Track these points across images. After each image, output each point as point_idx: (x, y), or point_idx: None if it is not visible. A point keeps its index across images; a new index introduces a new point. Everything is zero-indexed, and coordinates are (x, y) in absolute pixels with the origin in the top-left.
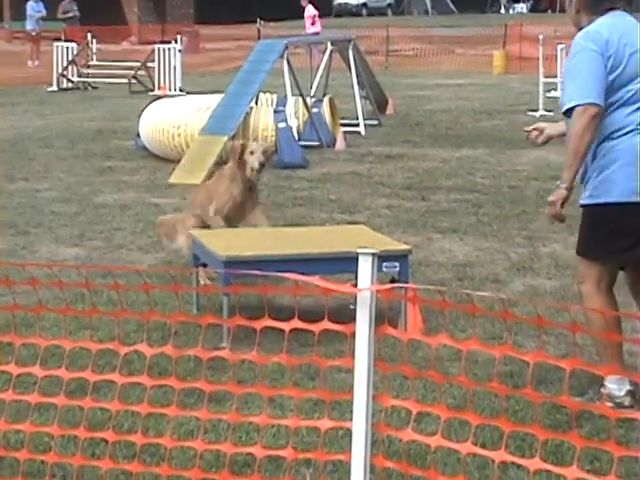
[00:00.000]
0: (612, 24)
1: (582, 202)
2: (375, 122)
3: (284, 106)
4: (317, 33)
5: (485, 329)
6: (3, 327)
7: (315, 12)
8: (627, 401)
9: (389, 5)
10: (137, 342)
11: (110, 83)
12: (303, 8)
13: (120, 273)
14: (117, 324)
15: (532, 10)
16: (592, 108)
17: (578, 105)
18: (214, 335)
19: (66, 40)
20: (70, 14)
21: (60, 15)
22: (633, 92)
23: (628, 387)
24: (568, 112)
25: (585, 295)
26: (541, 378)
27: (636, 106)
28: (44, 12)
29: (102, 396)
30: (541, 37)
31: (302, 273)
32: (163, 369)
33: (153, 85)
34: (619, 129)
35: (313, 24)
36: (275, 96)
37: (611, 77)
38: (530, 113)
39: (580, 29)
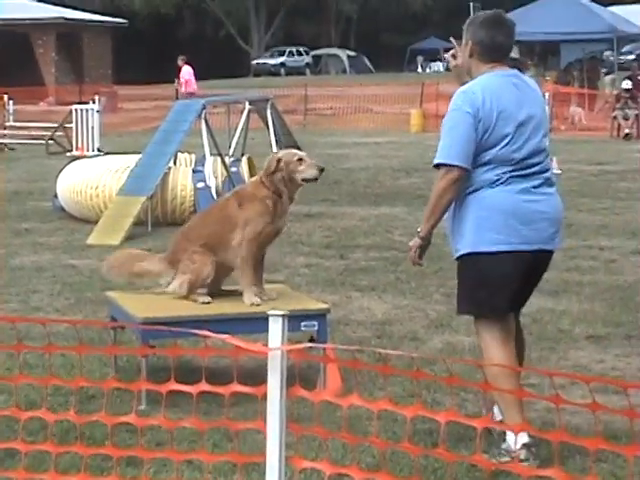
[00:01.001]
0: (489, 84)
1: (462, 251)
2: None
3: (203, 166)
4: (193, 94)
5: (404, 386)
6: None
7: (190, 72)
8: (522, 454)
9: (307, 64)
10: (55, 405)
11: (27, 144)
12: (180, 68)
13: (36, 335)
14: (33, 388)
15: (448, 69)
16: (455, 171)
17: (443, 164)
18: (132, 397)
19: None
20: None
21: None
22: (498, 154)
23: (525, 440)
24: (436, 166)
25: (483, 349)
26: (460, 436)
27: (500, 166)
28: None
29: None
30: None
31: (218, 333)
32: (80, 433)
33: (71, 146)
34: (488, 185)
35: (187, 84)
36: (193, 156)
37: (481, 139)
38: None
39: (463, 82)
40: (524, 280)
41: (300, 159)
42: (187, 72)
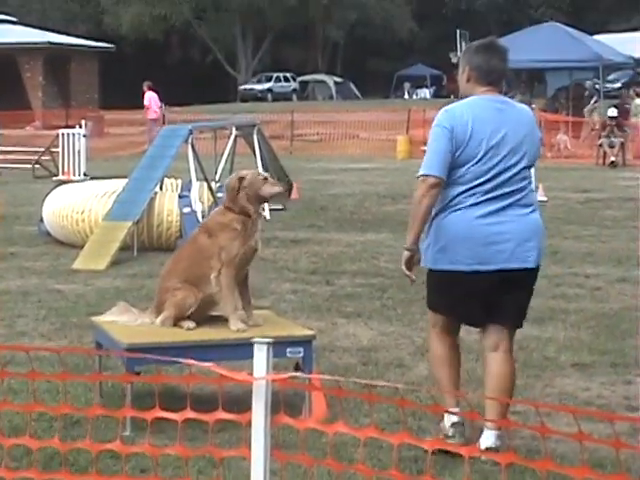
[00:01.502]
0: (472, 105)
1: (423, 264)
2: (280, 207)
3: (189, 191)
4: (155, 120)
5: (389, 413)
6: None
7: (152, 98)
8: (450, 432)
9: (294, 90)
10: (39, 431)
11: (13, 168)
12: (143, 93)
13: (22, 361)
14: (16, 414)
15: (435, 96)
16: (431, 178)
17: (421, 175)
18: (117, 423)
19: None
20: None
21: None
22: (467, 173)
23: (454, 419)
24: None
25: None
26: (445, 463)
27: (467, 186)
28: None
29: None
30: None
31: (203, 360)
32: (64, 459)
33: (57, 170)
34: (451, 205)
35: (147, 110)
36: (180, 181)
37: (453, 155)
38: None
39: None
40: (488, 296)
41: (265, 178)
42: (147, 98)
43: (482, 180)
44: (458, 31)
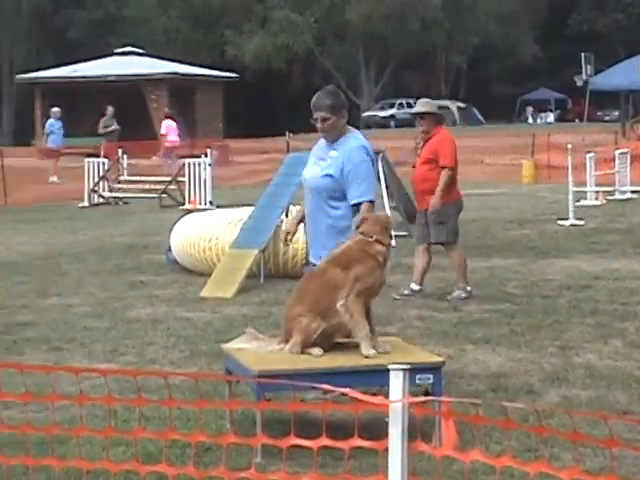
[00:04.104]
0: None
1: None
2: (405, 233)
3: None
4: (172, 148)
5: (520, 441)
6: (37, 445)
7: (169, 126)
8: None
9: None
10: (172, 457)
11: (141, 197)
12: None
13: (153, 388)
14: (149, 441)
15: (559, 120)
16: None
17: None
18: (249, 449)
19: (105, 156)
20: (111, 128)
21: (101, 130)
22: None
23: None
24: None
25: None
26: None
27: None
28: (56, 131)
29: None
30: (569, 146)
31: (335, 386)
32: None
33: (184, 199)
34: None
35: (164, 138)
36: None
37: None
38: (560, 222)
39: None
40: None
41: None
42: (165, 126)
43: None
44: (583, 54)
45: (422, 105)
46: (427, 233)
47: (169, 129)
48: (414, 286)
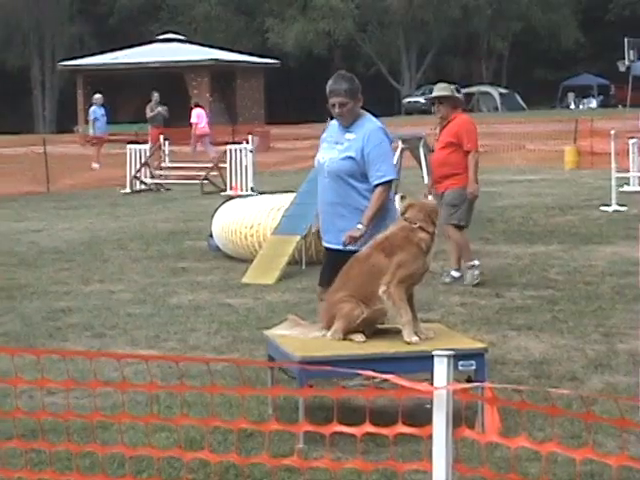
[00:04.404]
0: None
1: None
2: None
3: None
4: (202, 136)
5: (564, 428)
6: (80, 431)
7: (198, 114)
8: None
9: None
10: (214, 445)
11: (182, 184)
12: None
13: (195, 374)
14: (192, 427)
15: (602, 105)
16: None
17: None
18: (292, 436)
19: (152, 142)
20: (155, 112)
21: (149, 114)
22: None
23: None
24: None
25: None
26: (622, 478)
27: None
28: (99, 117)
29: None
30: (612, 132)
31: (379, 372)
32: (240, 471)
33: (225, 185)
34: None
35: (195, 127)
36: None
37: None
38: (603, 208)
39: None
40: None
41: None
42: (194, 115)
43: None
44: (626, 39)
45: (440, 89)
46: None
47: (199, 117)
48: (454, 273)
